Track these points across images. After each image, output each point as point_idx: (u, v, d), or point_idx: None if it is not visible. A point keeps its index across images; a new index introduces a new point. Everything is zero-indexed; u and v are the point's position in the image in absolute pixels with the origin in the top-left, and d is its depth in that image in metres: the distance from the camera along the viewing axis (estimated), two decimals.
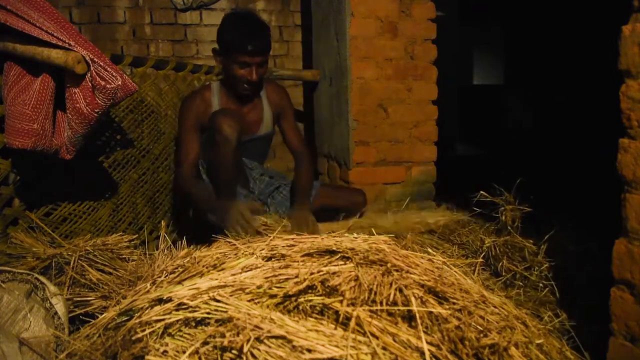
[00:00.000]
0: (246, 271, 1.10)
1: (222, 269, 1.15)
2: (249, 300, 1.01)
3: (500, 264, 1.83)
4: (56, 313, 1.32)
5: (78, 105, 1.64)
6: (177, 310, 1.04)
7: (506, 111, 6.62)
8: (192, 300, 1.03)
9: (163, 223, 2.21)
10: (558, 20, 5.57)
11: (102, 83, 1.62)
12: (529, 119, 6.19)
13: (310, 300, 1.00)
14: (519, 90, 6.45)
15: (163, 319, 1.02)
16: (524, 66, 6.36)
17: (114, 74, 1.65)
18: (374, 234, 1.27)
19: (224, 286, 1.05)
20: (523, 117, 6.32)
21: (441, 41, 2.89)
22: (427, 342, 0.93)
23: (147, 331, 1.01)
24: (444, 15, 5.15)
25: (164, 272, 1.27)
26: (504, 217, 1.92)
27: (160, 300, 1.09)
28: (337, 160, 2.90)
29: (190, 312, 1.01)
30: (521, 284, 1.78)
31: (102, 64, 1.64)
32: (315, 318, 0.98)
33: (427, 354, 0.91)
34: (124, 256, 1.71)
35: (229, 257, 1.20)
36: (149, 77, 2.50)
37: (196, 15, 3.39)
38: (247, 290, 1.02)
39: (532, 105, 6.16)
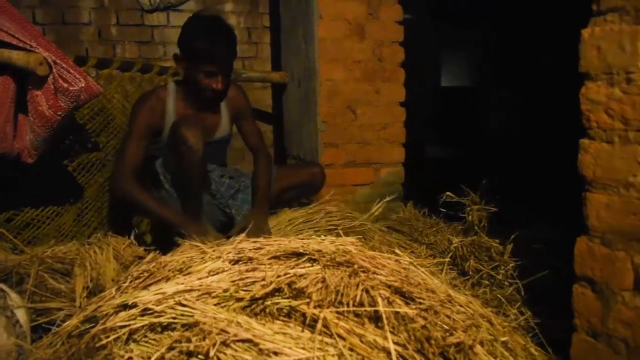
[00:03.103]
0: (213, 275, 1.09)
1: (189, 273, 1.14)
2: (215, 304, 1.00)
3: (468, 263, 1.86)
4: (17, 321, 1.29)
5: (40, 108, 1.61)
6: (142, 315, 1.03)
7: (478, 113, 6.71)
8: (157, 305, 1.02)
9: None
10: (531, 24, 5.67)
11: (65, 85, 1.59)
12: (502, 121, 6.29)
13: (278, 303, 0.99)
14: (492, 92, 6.55)
15: (128, 325, 1.01)
16: (496, 68, 6.46)
17: (77, 75, 1.62)
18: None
19: (190, 290, 1.04)
20: (495, 119, 6.42)
21: (411, 43, 2.92)
22: (394, 342, 0.94)
23: (112, 337, 1.00)
24: (413, 18, 5.20)
25: (129, 277, 1.25)
26: (470, 218, 1.96)
27: (125, 306, 1.08)
28: (304, 161, 2.90)
29: (155, 317, 1.00)
30: (488, 282, 1.81)
31: (64, 65, 1.61)
32: (283, 321, 0.98)
33: (394, 353, 0.91)
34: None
35: (196, 261, 1.20)
36: (114, 79, 2.47)
37: (163, 17, 3.35)
38: (213, 294, 1.02)
39: (505, 107, 6.25)
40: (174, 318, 0.99)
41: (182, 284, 1.07)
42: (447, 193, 1.99)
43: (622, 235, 1.20)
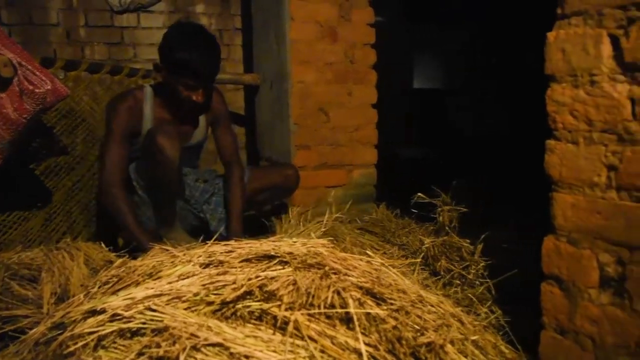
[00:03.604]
0: (183, 279, 1.08)
1: (159, 278, 1.13)
2: (185, 309, 0.99)
3: (439, 263, 1.88)
4: None
5: (5, 110, 1.58)
6: (111, 321, 1.01)
7: (452, 115, 6.79)
8: (126, 311, 1.00)
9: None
10: (506, 26, 5.75)
11: (31, 87, 1.56)
12: (474, 122, 6.36)
13: (249, 306, 0.99)
14: (465, 94, 6.63)
15: (96, 331, 0.99)
16: (471, 71, 6.54)
17: (43, 78, 1.59)
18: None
19: (160, 295, 1.03)
20: (467, 121, 6.50)
21: (384, 46, 2.94)
22: (365, 343, 0.94)
23: (80, 344, 0.98)
24: (385, 20, 5.23)
25: (98, 282, 1.23)
26: (441, 218, 1.98)
27: (93, 312, 1.06)
28: (278, 163, 2.89)
29: (124, 322, 0.99)
30: (459, 282, 1.83)
31: (30, 67, 1.58)
32: (254, 324, 0.98)
33: (365, 355, 0.92)
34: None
35: (166, 265, 1.18)
36: (83, 81, 2.43)
37: (133, 18, 3.31)
38: (183, 299, 1.01)
39: (478, 109, 6.33)
40: (144, 323, 0.97)
41: (152, 288, 1.06)
42: (419, 194, 2.01)
43: (588, 234, 1.22)
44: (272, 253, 1.13)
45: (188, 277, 1.09)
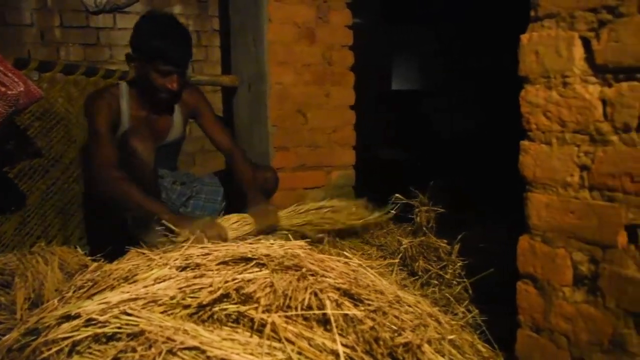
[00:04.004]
0: (159, 282, 1.07)
1: (135, 281, 1.12)
2: (161, 312, 0.99)
3: (417, 264, 1.89)
4: None
5: None
6: (86, 326, 1.00)
7: (430, 116, 6.83)
8: (101, 315, 0.99)
9: None
10: (479, 28, 5.81)
11: (3, 89, 1.53)
12: (452, 123, 6.42)
13: (225, 309, 0.99)
14: (443, 95, 6.68)
15: (71, 337, 0.98)
16: (449, 72, 6.59)
17: (15, 79, 1.57)
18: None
19: (136, 299, 1.02)
20: (446, 122, 6.55)
21: (362, 47, 2.95)
22: (342, 344, 0.95)
23: (54, 350, 0.97)
24: (363, 22, 5.25)
25: (73, 287, 1.21)
26: (418, 219, 1.99)
27: (68, 317, 1.04)
28: (256, 165, 2.88)
29: (99, 327, 0.97)
30: (436, 282, 1.84)
31: (2, 68, 1.56)
32: (231, 327, 0.97)
33: (342, 356, 0.92)
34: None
35: (142, 269, 1.17)
36: (58, 83, 2.39)
37: (109, 19, 3.28)
38: (159, 302, 1.00)
39: (456, 110, 6.39)
40: (119, 328, 0.96)
41: (128, 292, 1.05)
42: (396, 195, 2.02)
43: (561, 233, 1.24)
44: (249, 255, 1.13)
45: (164, 281, 1.08)
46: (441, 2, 5.87)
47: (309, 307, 0.99)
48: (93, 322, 0.99)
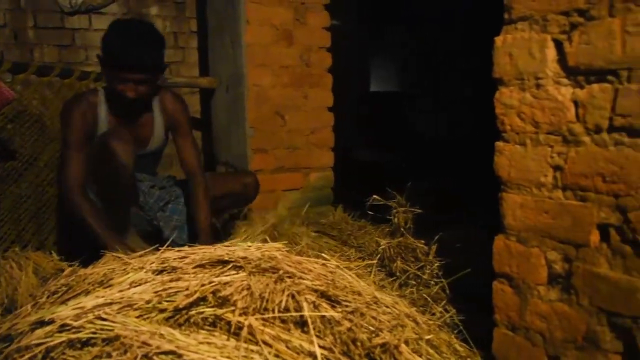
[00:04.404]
0: (135, 286, 1.06)
1: (110, 286, 1.11)
2: (137, 317, 0.98)
3: (395, 264, 1.90)
4: None
5: None
6: (60, 332, 0.98)
7: (409, 117, 6.87)
8: (76, 321, 0.98)
9: None
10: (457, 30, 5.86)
11: None
12: (430, 124, 6.46)
13: (202, 313, 0.98)
14: (421, 97, 6.73)
15: (44, 343, 0.96)
16: (429, 73, 6.64)
17: None
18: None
19: (111, 303, 1.01)
20: (424, 123, 6.59)
21: (340, 49, 2.96)
22: (320, 346, 0.95)
23: (27, 357, 0.95)
24: (341, 24, 5.26)
25: (47, 292, 1.20)
26: (396, 220, 2.00)
27: (41, 323, 1.03)
28: (234, 167, 2.88)
29: (74, 333, 0.96)
30: (414, 282, 1.85)
31: None
32: (208, 330, 0.97)
33: (320, 357, 0.92)
34: None
35: (118, 273, 1.16)
36: (31, 85, 2.35)
37: (85, 20, 3.23)
38: (135, 306, 0.99)
39: (441, 112, 6.43)
40: (94, 333, 0.95)
41: (103, 297, 1.04)
42: (374, 196, 2.03)
43: (536, 232, 1.26)
44: (226, 258, 1.12)
45: (140, 285, 1.07)
46: (421, 4, 5.92)
47: (287, 310, 0.99)
48: (67, 328, 0.98)
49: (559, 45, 1.19)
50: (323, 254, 1.33)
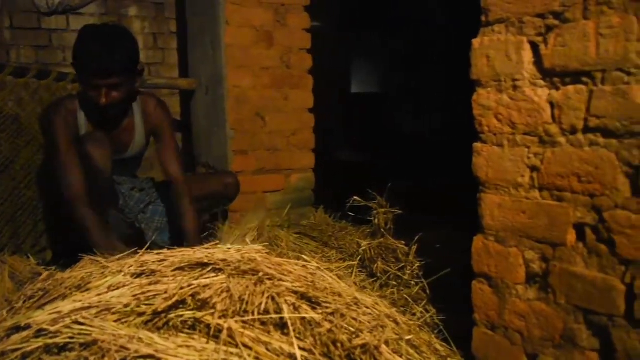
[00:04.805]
0: (113, 290, 1.05)
1: (88, 290, 1.09)
2: (115, 321, 0.96)
3: (376, 265, 1.91)
4: None
5: None
6: (36, 337, 0.97)
7: (387, 118, 6.91)
8: (53, 326, 0.96)
9: None
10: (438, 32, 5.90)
11: None
12: (413, 125, 6.50)
13: (181, 316, 0.97)
14: (403, 98, 6.76)
15: (21, 348, 0.95)
16: (408, 76, 6.68)
17: None
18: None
19: (89, 307, 1.00)
20: (405, 124, 6.63)
21: (321, 51, 2.96)
22: (300, 348, 0.94)
23: None
24: (322, 25, 5.27)
25: (23, 297, 1.18)
26: (377, 220, 2.01)
27: (17, 328, 1.01)
28: (215, 169, 2.86)
29: (50, 338, 0.95)
30: (395, 283, 1.86)
31: None
32: (187, 333, 0.96)
33: (300, 359, 0.92)
34: None
35: (95, 277, 1.15)
36: (7, 86, 2.32)
37: (62, 20, 3.19)
38: (113, 310, 0.98)
39: (417, 113, 6.47)
40: (71, 338, 0.94)
41: (80, 301, 1.02)
42: (355, 197, 2.04)
43: (514, 232, 1.28)
44: (206, 261, 1.12)
45: (118, 288, 1.06)
46: (402, 6, 5.96)
47: (266, 312, 0.99)
48: (44, 333, 0.97)
49: (535, 47, 1.21)
50: (304, 256, 1.34)
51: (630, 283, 1.05)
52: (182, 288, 1.00)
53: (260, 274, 1.08)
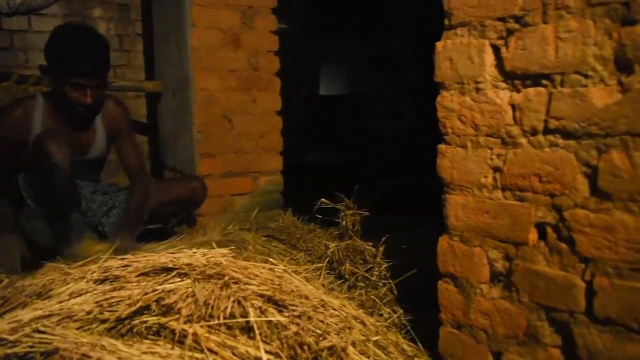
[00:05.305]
0: (75, 297, 1.03)
1: (49, 297, 1.07)
2: (77, 328, 0.95)
3: (344, 267, 1.91)
4: None
5: None
6: None
7: (357, 120, 6.95)
8: (12, 335, 0.94)
9: None
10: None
11: None
12: (383, 127, 6.55)
13: (146, 322, 0.96)
14: (373, 100, 6.81)
15: None
16: (378, 77, 6.73)
17: None
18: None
19: (50, 315, 0.98)
20: (378, 126, 6.68)
21: (289, 53, 2.96)
22: (266, 351, 0.94)
23: None
24: (290, 28, 5.27)
25: None
26: (344, 222, 2.02)
27: None
28: (182, 173, 2.83)
29: (9, 347, 0.93)
30: (363, 284, 1.87)
31: None
32: (151, 339, 0.95)
33: None
34: None
35: (57, 284, 1.12)
36: None
37: (24, 21, 3.12)
38: (75, 318, 0.96)
39: (387, 114, 6.52)
40: (31, 347, 0.92)
41: (41, 309, 1.00)
42: (322, 199, 2.04)
43: (478, 232, 1.29)
44: (171, 265, 1.11)
45: (81, 295, 1.04)
46: (371, 10, 6.00)
47: (232, 316, 0.98)
48: (3, 342, 0.94)
49: (496, 50, 1.23)
50: (271, 259, 1.33)
51: (589, 280, 1.08)
52: (146, 293, 0.99)
53: (226, 278, 1.07)
